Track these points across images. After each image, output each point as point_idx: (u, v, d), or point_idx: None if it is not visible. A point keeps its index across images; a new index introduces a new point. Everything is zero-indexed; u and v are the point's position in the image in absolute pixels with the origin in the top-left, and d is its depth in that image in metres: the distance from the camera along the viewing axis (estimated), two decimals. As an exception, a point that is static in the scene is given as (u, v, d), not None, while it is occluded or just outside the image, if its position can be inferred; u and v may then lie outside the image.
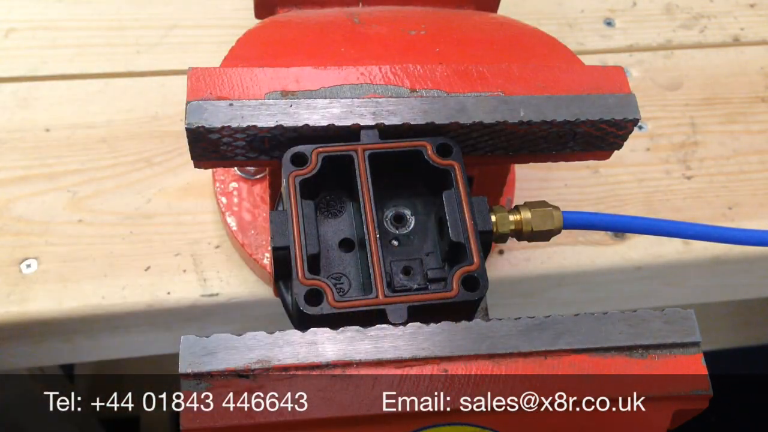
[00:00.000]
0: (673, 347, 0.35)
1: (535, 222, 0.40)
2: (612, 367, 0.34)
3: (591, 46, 0.71)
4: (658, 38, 0.72)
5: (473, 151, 0.41)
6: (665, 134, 0.67)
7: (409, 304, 0.35)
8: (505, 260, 0.60)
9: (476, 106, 0.39)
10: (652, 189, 0.64)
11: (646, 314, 0.36)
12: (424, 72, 0.40)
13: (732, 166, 0.66)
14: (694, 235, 0.43)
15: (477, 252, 0.36)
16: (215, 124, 0.37)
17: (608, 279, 0.62)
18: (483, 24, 0.48)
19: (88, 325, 0.57)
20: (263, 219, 0.58)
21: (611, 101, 0.40)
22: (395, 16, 0.47)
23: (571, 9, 0.73)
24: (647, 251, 0.61)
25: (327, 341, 0.33)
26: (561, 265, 0.60)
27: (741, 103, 0.69)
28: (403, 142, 0.38)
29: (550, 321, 0.35)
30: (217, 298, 0.56)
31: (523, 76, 0.41)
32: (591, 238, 0.61)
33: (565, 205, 0.42)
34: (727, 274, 0.64)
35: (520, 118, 0.39)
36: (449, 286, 0.35)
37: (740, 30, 0.73)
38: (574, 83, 0.41)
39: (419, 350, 0.33)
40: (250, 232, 0.57)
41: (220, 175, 0.59)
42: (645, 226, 0.43)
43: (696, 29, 0.73)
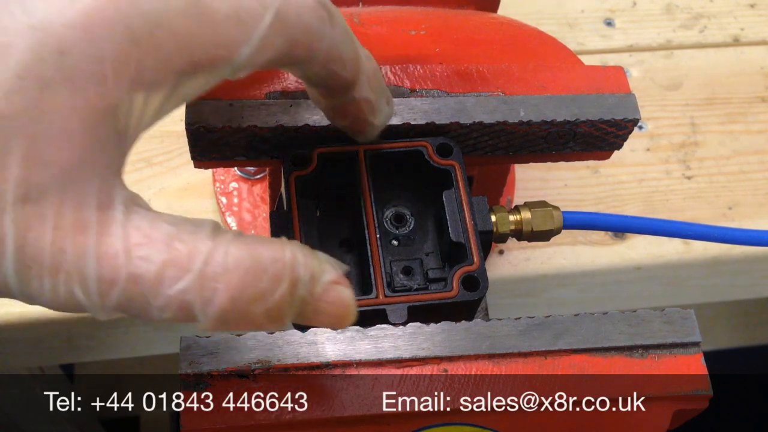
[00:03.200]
0: (673, 347, 0.35)
1: (535, 222, 0.40)
2: (612, 367, 0.34)
3: (591, 46, 0.71)
4: (658, 38, 0.72)
5: (473, 151, 0.41)
6: (665, 134, 0.67)
7: (409, 304, 0.35)
8: (505, 260, 0.60)
9: (476, 106, 0.39)
10: (652, 189, 0.64)
11: (646, 314, 0.36)
12: (424, 72, 0.40)
13: (732, 166, 0.66)
14: (694, 235, 0.43)
15: (477, 252, 0.36)
16: (215, 124, 0.37)
17: (608, 279, 0.62)
18: (483, 24, 0.48)
19: (88, 325, 0.57)
20: (263, 219, 0.58)
21: (611, 101, 0.40)
22: (395, 16, 0.47)
23: (571, 9, 0.73)
24: (647, 251, 0.61)
25: (327, 341, 0.33)
26: (561, 265, 0.60)
27: (741, 103, 0.69)
28: (404, 142, 0.38)
29: (550, 321, 0.35)
30: (217, 298, 0.56)
31: (523, 76, 0.41)
32: (591, 238, 0.61)
33: (565, 205, 0.42)
34: (727, 274, 0.64)
35: (520, 118, 0.39)
36: (449, 286, 0.35)
37: (740, 30, 0.73)
38: (574, 83, 0.41)
39: (419, 350, 0.33)
40: (250, 232, 0.57)
41: (220, 175, 0.59)
42: (645, 226, 0.43)
43: (696, 29, 0.73)
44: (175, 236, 0.25)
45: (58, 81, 0.23)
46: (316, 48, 0.29)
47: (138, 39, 0.24)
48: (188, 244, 0.25)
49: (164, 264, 0.25)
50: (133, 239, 0.25)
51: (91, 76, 0.23)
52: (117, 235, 0.24)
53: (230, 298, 0.25)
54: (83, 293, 0.24)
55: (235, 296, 0.25)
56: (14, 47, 0.23)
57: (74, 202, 0.24)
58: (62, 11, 0.23)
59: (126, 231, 0.25)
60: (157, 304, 0.25)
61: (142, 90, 0.25)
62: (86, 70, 0.23)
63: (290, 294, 0.27)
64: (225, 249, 0.26)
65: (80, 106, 0.23)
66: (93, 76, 0.23)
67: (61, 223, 0.24)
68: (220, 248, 0.26)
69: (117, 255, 0.24)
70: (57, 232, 0.24)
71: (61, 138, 0.23)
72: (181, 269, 0.25)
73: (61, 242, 0.24)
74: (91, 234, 0.24)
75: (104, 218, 0.24)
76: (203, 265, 0.25)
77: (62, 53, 0.23)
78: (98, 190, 0.24)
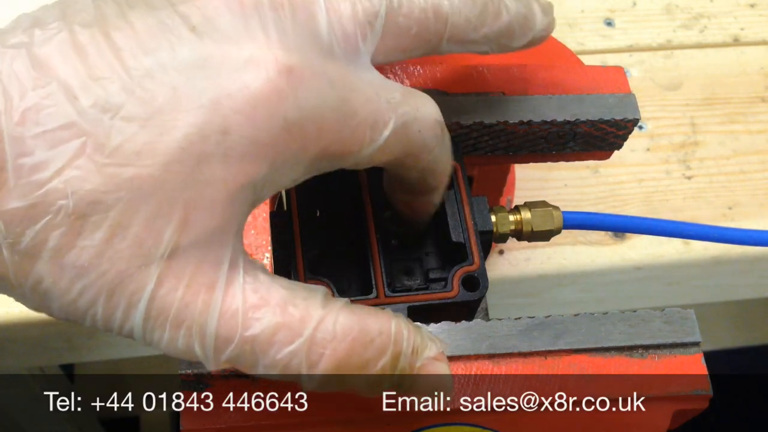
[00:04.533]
0: (673, 347, 0.35)
1: (535, 222, 0.40)
2: (612, 367, 0.34)
3: (591, 46, 0.71)
4: (658, 38, 0.72)
5: (473, 151, 0.41)
6: (665, 134, 0.67)
7: (409, 304, 0.35)
8: (505, 260, 0.60)
9: (476, 106, 0.39)
10: (652, 189, 0.64)
11: (646, 314, 0.36)
12: (424, 72, 0.40)
13: (732, 166, 0.66)
14: (694, 235, 0.43)
15: (477, 252, 0.36)
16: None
17: (608, 279, 0.62)
18: (483, 24, 0.48)
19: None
20: (263, 219, 0.58)
21: (611, 101, 0.40)
22: (395, 16, 0.47)
23: (571, 9, 0.73)
24: (647, 251, 0.61)
25: (327, 341, 0.33)
26: (561, 265, 0.60)
27: (741, 103, 0.69)
28: (403, 142, 0.38)
29: (550, 321, 0.35)
30: (217, 298, 0.56)
31: (523, 76, 0.41)
32: (591, 238, 0.61)
33: (565, 205, 0.42)
34: (727, 274, 0.64)
35: (520, 118, 0.39)
36: (449, 286, 0.35)
37: (740, 30, 0.73)
38: (574, 83, 0.41)
39: (419, 350, 0.33)
40: (250, 232, 0.57)
41: (220, 175, 0.59)
42: (645, 226, 0.43)
43: (696, 29, 0.73)
44: (290, 301, 0.27)
45: (216, 157, 0.25)
46: (423, 160, 0.31)
47: (291, 128, 0.26)
48: (301, 309, 0.27)
49: (277, 326, 0.26)
50: (250, 301, 0.27)
51: (244, 156, 0.26)
52: (237, 297, 0.26)
53: (335, 365, 0.27)
54: (200, 347, 0.26)
55: (339, 364, 0.27)
56: (181, 122, 0.25)
57: (209, 263, 0.26)
58: (229, 93, 0.25)
59: (245, 293, 0.27)
60: (265, 362, 0.27)
61: (281, 169, 0.27)
62: (241, 151, 0.26)
63: (391, 366, 0.28)
64: (335, 317, 0.27)
65: (228, 180, 0.26)
66: (246, 156, 0.26)
67: (193, 281, 0.26)
68: (331, 316, 0.27)
69: (236, 315, 0.26)
70: (188, 289, 0.26)
71: (207, 207, 0.26)
72: (292, 333, 0.27)
73: (189, 299, 0.26)
74: (218, 294, 0.26)
75: (229, 279, 0.26)
76: (313, 331, 0.27)
77: (225, 134, 0.25)
78: (230, 254, 0.27)
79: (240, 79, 0.25)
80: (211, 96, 0.25)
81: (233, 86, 0.25)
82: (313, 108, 0.27)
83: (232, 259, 0.27)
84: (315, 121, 0.27)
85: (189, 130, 0.25)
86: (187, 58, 0.25)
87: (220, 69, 0.25)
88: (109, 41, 0.25)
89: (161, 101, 0.25)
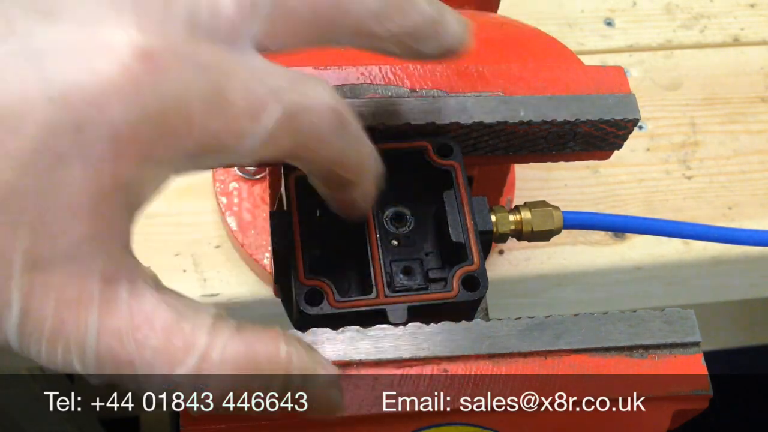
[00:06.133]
0: (673, 347, 0.35)
1: (535, 222, 0.40)
2: (612, 367, 0.34)
3: (591, 46, 0.71)
4: (658, 38, 0.72)
5: (473, 151, 0.41)
6: (665, 134, 0.67)
7: (409, 304, 0.35)
8: (505, 260, 0.60)
9: (476, 106, 0.39)
10: (652, 189, 0.64)
11: (646, 314, 0.36)
12: (424, 72, 0.40)
13: (732, 166, 0.66)
14: (694, 235, 0.43)
15: (477, 252, 0.36)
16: (215, 124, 0.37)
17: (608, 279, 0.62)
18: (483, 24, 0.48)
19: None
20: (263, 219, 0.58)
21: (611, 101, 0.40)
22: (395, 16, 0.47)
23: (571, 9, 0.73)
24: (647, 251, 0.61)
25: (327, 341, 0.33)
26: (561, 265, 0.60)
27: (741, 103, 0.69)
28: (404, 142, 0.38)
29: (550, 321, 0.35)
30: (217, 298, 0.56)
31: (523, 76, 0.41)
32: (591, 238, 0.61)
33: (565, 205, 0.42)
34: (727, 274, 0.65)
35: (520, 118, 0.39)
36: (449, 286, 0.35)
37: (740, 30, 0.73)
38: (574, 83, 0.41)
39: (419, 350, 0.33)
40: (250, 232, 0.57)
41: (220, 175, 0.59)
42: (645, 226, 0.43)
43: (696, 29, 0.73)
44: (175, 325, 0.26)
45: (72, 157, 0.23)
46: (322, 153, 0.29)
47: (153, 120, 0.24)
48: (187, 334, 0.26)
49: (159, 352, 0.25)
50: (135, 320, 0.25)
51: (104, 154, 0.23)
52: (119, 315, 0.25)
53: (220, 395, 0.26)
54: (80, 365, 0.25)
55: (225, 394, 0.27)
56: (30, 119, 0.22)
57: (79, 276, 0.24)
58: (81, 83, 0.23)
59: (129, 311, 0.25)
60: (147, 387, 0.26)
61: (152, 167, 0.25)
62: (99, 149, 0.23)
63: (281, 393, 0.28)
64: (222, 346, 0.26)
65: (90, 182, 0.23)
66: (105, 154, 0.23)
67: (64, 295, 0.24)
68: (218, 343, 0.26)
69: (117, 335, 0.25)
70: (59, 304, 0.24)
71: (69, 213, 0.23)
72: (174, 362, 0.25)
73: (63, 314, 0.24)
74: (93, 310, 0.24)
75: (108, 295, 0.25)
76: (198, 361, 0.26)
77: (78, 130, 0.23)
78: (104, 266, 0.25)
79: (91, 67, 0.23)
80: (60, 87, 0.23)
81: (83, 75, 0.23)
82: (177, 97, 0.24)
83: (110, 271, 0.25)
84: (181, 111, 0.24)
85: (39, 130, 0.22)
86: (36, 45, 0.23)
87: (72, 56, 0.23)
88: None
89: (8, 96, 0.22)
